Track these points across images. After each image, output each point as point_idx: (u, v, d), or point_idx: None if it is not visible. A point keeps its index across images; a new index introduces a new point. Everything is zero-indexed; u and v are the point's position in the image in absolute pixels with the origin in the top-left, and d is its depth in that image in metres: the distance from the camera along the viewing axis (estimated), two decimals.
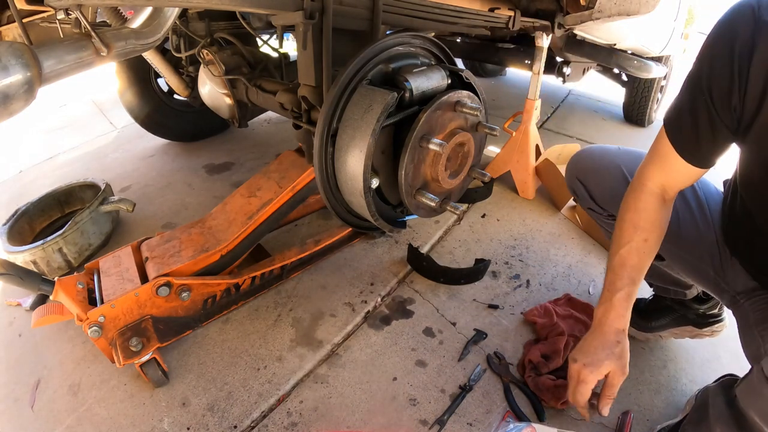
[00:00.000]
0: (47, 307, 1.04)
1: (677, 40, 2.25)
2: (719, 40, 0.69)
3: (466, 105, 0.95)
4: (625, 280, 0.83)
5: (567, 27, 1.53)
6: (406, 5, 1.08)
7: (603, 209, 1.10)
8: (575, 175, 1.14)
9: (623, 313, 0.83)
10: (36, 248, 1.33)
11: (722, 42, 0.68)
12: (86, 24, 0.72)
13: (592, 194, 1.10)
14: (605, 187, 1.07)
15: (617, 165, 1.05)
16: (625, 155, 1.09)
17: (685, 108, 0.77)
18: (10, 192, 2.00)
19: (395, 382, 1.07)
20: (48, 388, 1.07)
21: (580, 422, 0.99)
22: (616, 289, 0.84)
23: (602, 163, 1.09)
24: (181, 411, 1.00)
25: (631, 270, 0.83)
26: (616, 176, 1.04)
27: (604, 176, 1.07)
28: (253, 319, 1.24)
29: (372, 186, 0.93)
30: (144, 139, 2.36)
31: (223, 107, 1.63)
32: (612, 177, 1.05)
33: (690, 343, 1.21)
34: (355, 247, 1.53)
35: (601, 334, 0.84)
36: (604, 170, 1.07)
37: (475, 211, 1.78)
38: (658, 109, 2.89)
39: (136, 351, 0.99)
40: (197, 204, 1.80)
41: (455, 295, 1.34)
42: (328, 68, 0.97)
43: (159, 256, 1.15)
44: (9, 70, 0.62)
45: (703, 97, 0.71)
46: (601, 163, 1.09)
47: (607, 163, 1.08)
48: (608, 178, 1.06)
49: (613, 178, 1.05)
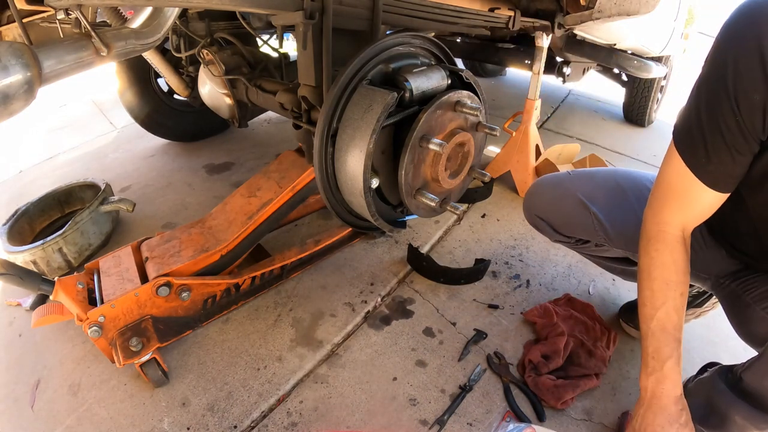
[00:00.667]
0: (47, 307, 1.04)
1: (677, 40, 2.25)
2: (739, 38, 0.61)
3: (466, 105, 0.95)
4: (672, 344, 0.77)
5: (567, 27, 1.52)
6: (406, 5, 1.08)
7: (569, 237, 1.11)
8: (533, 213, 1.14)
9: (677, 379, 0.78)
10: (36, 248, 1.33)
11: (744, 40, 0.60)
12: (86, 24, 0.72)
13: (555, 226, 1.11)
14: (565, 216, 1.07)
15: (571, 192, 1.05)
16: (577, 180, 1.08)
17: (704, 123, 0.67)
18: (10, 192, 2.00)
19: (395, 382, 1.07)
20: (48, 388, 1.07)
21: (581, 422, 0.99)
22: (664, 357, 0.77)
23: (556, 194, 1.09)
24: (181, 411, 1.00)
25: (675, 331, 0.78)
26: (573, 204, 1.04)
27: (562, 205, 1.07)
28: (253, 319, 1.24)
29: (372, 186, 0.93)
30: (144, 139, 2.36)
31: (223, 107, 1.62)
32: (569, 205, 1.05)
33: (690, 343, 1.21)
34: (355, 247, 1.53)
35: (663, 408, 0.77)
36: (560, 201, 1.08)
37: (475, 211, 1.78)
38: (658, 109, 2.89)
39: (136, 351, 0.99)
40: (197, 204, 1.80)
41: (455, 295, 1.34)
42: (328, 68, 0.97)
43: (159, 256, 1.15)
44: (9, 70, 0.62)
45: (729, 104, 0.62)
46: (555, 194, 1.09)
47: (561, 192, 1.08)
48: (565, 206, 1.06)
49: (570, 205, 1.04)
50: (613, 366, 1.12)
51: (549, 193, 1.11)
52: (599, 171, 1.11)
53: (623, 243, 1.00)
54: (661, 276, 0.78)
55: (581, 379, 1.05)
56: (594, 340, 1.16)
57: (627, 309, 1.25)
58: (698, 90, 0.68)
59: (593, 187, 1.03)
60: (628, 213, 0.96)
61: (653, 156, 2.42)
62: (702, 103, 0.67)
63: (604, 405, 1.04)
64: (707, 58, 0.66)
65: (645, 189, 0.96)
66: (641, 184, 0.99)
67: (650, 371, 0.79)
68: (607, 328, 1.20)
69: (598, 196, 1.01)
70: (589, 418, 1.00)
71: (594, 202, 1.01)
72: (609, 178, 1.05)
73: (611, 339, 1.17)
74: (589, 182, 1.05)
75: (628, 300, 1.30)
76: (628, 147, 2.53)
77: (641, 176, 1.02)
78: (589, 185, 1.04)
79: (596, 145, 2.52)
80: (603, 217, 0.99)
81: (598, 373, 1.08)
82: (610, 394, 1.06)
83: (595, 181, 1.05)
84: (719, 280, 0.92)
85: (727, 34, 0.63)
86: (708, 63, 0.66)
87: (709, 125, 0.66)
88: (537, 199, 1.13)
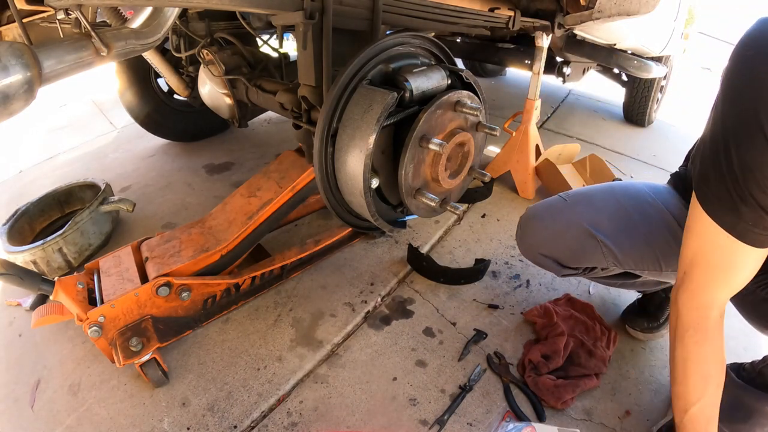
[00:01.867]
0: (47, 307, 1.04)
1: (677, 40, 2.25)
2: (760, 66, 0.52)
3: (466, 105, 0.95)
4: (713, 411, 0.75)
5: (567, 27, 1.53)
6: (406, 5, 1.08)
7: (577, 268, 1.04)
8: (535, 250, 1.05)
9: None
10: (36, 248, 1.33)
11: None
12: (86, 24, 0.72)
13: (560, 261, 1.02)
14: (571, 249, 0.99)
15: (574, 220, 0.97)
16: (575, 205, 1.00)
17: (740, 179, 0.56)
18: (10, 192, 2.00)
19: (395, 382, 1.07)
20: (48, 388, 1.07)
21: (581, 422, 0.99)
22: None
23: (557, 226, 1.00)
24: (181, 411, 1.00)
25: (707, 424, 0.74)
26: (577, 234, 0.96)
27: (566, 238, 0.98)
28: (253, 319, 1.24)
29: (372, 186, 0.93)
30: (144, 139, 2.36)
31: (223, 107, 1.62)
32: (574, 236, 0.97)
33: None
34: (355, 247, 1.53)
35: None
36: (563, 232, 0.99)
37: (475, 211, 1.78)
38: (658, 109, 2.89)
39: (136, 351, 0.99)
40: (197, 204, 1.80)
41: (455, 295, 1.34)
42: (328, 68, 0.97)
43: (159, 256, 1.14)
44: (9, 70, 0.62)
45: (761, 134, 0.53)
46: (555, 226, 1.01)
47: (563, 224, 0.99)
48: (570, 239, 0.97)
49: (575, 237, 0.96)
50: (613, 366, 1.13)
51: (549, 228, 1.02)
52: (596, 192, 1.02)
53: (633, 264, 0.96)
54: (699, 371, 0.72)
55: (581, 379, 1.05)
56: (594, 340, 1.16)
57: (630, 312, 1.24)
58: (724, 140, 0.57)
59: (595, 212, 0.96)
60: (635, 234, 0.93)
61: (653, 156, 2.42)
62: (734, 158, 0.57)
63: (604, 405, 1.04)
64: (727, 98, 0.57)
65: (647, 204, 0.94)
66: (642, 200, 0.96)
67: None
68: (607, 328, 1.20)
69: (602, 221, 0.95)
70: (589, 418, 1.01)
71: (599, 229, 0.94)
72: (609, 199, 0.98)
73: (611, 339, 1.17)
74: (590, 207, 0.98)
75: (629, 302, 1.30)
76: (628, 147, 2.53)
77: (640, 190, 0.98)
78: (590, 211, 0.97)
79: (596, 145, 2.52)
80: (611, 243, 0.93)
81: (598, 373, 1.08)
82: (610, 394, 1.06)
83: (596, 205, 0.98)
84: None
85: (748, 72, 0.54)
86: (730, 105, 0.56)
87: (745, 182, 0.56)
88: (537, 235, 1.04)
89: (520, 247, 1.11)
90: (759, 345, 1.23)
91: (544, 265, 1.07)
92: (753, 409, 0.79)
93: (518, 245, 1.12)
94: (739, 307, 0.91)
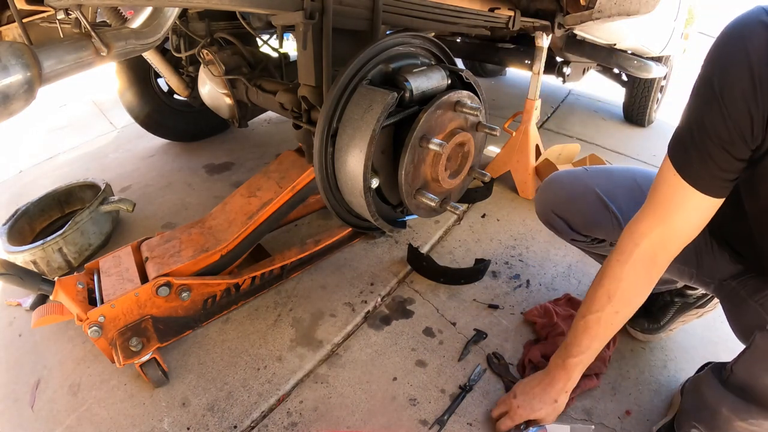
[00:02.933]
0: (47, 307, 1.04)
1: (677, 40, 2.25)
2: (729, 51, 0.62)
3: (466, 105, 0.95)
4: (583, 347, 0.86)
5: (567, 27, 1.53)
6: (406, 5, 1.08)
7: (585, 236, 1.07)
8: (549, 208, 1.08)
9: (573, 376, 0.90)
10: (36, 248, 1.33)
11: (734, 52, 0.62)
12: (86, 24, 0.72)
13: (572, 224, 1.06)
14: (584, 214, 1.02)
15: (591, 188, 1.01)
16: (595, 176, 1.04)
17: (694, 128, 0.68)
18: (10, 192, 2.00)
19: (395, 382, 1.07)
20: (48, 388, 1.07)
21: (581, 422, 0.99)
22: (571, 354, 0.88)
23: (575, 190, 1.03)
24: (181, 411, 1.00)
25: (592, 339, 0.85)
26: (592, 201, 1.00)
27: (581, 203, 1.02)
28: (253, 319, 1.24)
29: (372, 186, 0.93)
30: (144, 139, 2.36)
31: (223, 107, 1.62)
32: (589, 202, 1.00)
33: (690, 344, 1.21)
34: (355, 247, 1.53)
35: (546, 386, 0.92)
36: (579, 197, 1.02)
37: (475, 211, 1.78)
38: (658, 109, 2.89)
39: (136, 351, 0.99)
40: (197, 204, 1.80)
41: (455, 295, 1.34)
42: (328, 68, 0.97)
43: (159, 256, 1.15)
44: (9, 70, 0.62)
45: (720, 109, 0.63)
46: (573, 189, 1.04)
47: (580, 188, 1.02)
48: (585, 203, 1.01)
49: (590, 203, 1.00)
50: (613, 366, 1.12)
51: (567, 189, 1.05)
52: (617, 168, 1.07)
53: None
54: (606, 287, 0.81)
55: (581, 379, 1.05)
56: None
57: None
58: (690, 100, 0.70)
59: (612, 185, 1.00)
60: None
61: (653, 156, 2.42)
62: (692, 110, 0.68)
63: (604, 405, 1.04)
64: (699, 72, 0.68)
65: None
66: None
67: (558, 356, 0.92)
68: None
69: (617, 194, 0.98)
70: (589, 418, 1.00)
71: (613, 201, 0.97)
72: (628, 176, 1.02)
73: (611, 339, 1.17)
74: (608, 179, 1.02)
75: None
76: (628, 147, 2.53)
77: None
78: (608, 182, 1.01)
79: (596, 145, 2.52)
80: (622, 217, 0.96)
81: (598, 373, 1.08)
82: (610, 394, 1.06)
83: (614, 179, 1.02)
84: (722, 283, 0.92)
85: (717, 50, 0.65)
86: (700, 75, 0.68)
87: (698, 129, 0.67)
88: (553, 195, 1.08)
89: (536, 207, 1.14)
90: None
91: (555, 225, 1.09)
92: (715, 410, 0.79)
93: (535, 205, 1.15)
94: (726, 311, 0.91)
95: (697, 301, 1.18)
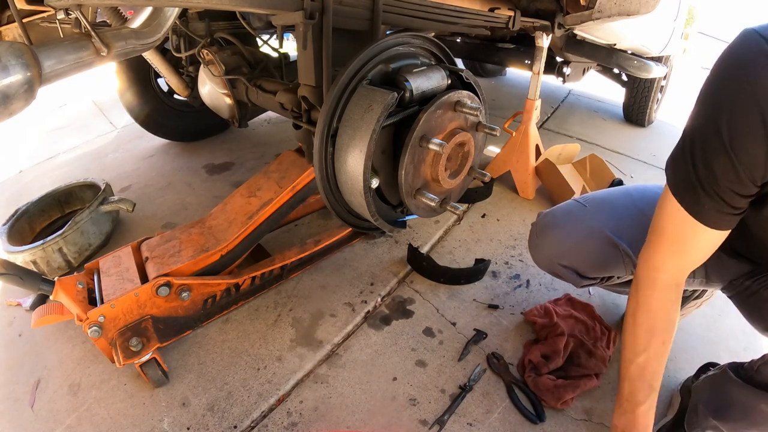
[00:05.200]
0: (47, 307, 1.04)
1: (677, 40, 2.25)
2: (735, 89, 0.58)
3: (466, 105, 0.95)
4: (646, 390, 0.80)
5: (567, 27, 1.53)
6: (406, 5, 1.08)
7: (598, 278, 1.03)
8: (555, 261, 1.01)
9: (648, 424, 0.81)
10: (36, 248, 1.33)
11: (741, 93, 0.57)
12: (86, 24, 0.72)
13: (581, 271, 1.00)
14: (593, 258, 0.96)
15: (596, 229, 0.94)
16: (597, 213, 0.97)
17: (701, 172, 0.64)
18: (10, 192, 2.00)
19: (395, 382, 1.07)
20: (48, 388, 1.07)
21: (581, 422, 0.99)
22: (637, 401, 0.80)
23: (580, 234, 0.97)
24: (181, 411, 1.00)
25: (651, 378, 0.80)
26: (600, 244, 0.94)
27: (589, 247, 0.95)
28: (253, 319, 1.24)
29: (372, 186, 0.93)
30: (144, 139, 2.36)
31: (223, 107, 1.62)
32: (597, 246, 0.94)
33: (689, 343, 1.21)
34: (355, 247, 1.53)
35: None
36: (585, 241, 0.96)
37: (475, 211, 1.78)
38: (658, 109, 2.89)
39: (136, 351, 0.99)
40: (197, 204, 1.80)
41: (455, 295, 1.34)
42: (328, 68, 0.97)
43: (159, 256, 1.14)
44: (9, 70, 0.62)
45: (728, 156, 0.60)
46: (577, 234, 0.97)
47: (585, 231, 0.96)
48: (593, 247, 0.94)
49: (598, 246, 0.94)
50: (614, 366, 1.12)
51: (571, 236, 0.98)
52: (615, 197, 1.00)
53: None
54: (645, 324, 0.78)
55: (581, 379, 1.05)
56: (594, 340, 1.16)
57: None
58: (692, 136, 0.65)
59: (617, 220, 0.94)
60: None
61: (653, 156, 2.42)
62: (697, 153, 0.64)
63: (604, 405, 1.04)
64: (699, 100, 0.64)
65: None
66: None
67: (622, 412, 0.82)
68: (607, 328, 1.20)
69: (624, 229, 0.93)
70: (589, 418, 1.01)
71: (622, 238, 0.92)
72: (629, 205, 0.96)
73: (611, 339, 1.17)
74: (611, 214, 0.96)
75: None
76: (628, 147, 2.53)
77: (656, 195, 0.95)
78: (611, 218, 0.95)
79: (596, 145, 2.52)
80: (633, 252, 0.91)
81: (598, 373, 1.08)
82: (610, 394, 1.06)
83: (617, 212, 0.96)
84: (732, 282, 0.92)
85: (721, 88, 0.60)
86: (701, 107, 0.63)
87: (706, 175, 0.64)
88: (557, 245, 1.00)
89: (534, 258, 1.08)
90: (759, 345, 1.23)
91: (562, 275, 1.03)
92: (749, 407, 0.80)
93: (533, 255, 1.08)
94: (743, 309, 0.91)
95: (693, 293, 1.18)
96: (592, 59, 1.97)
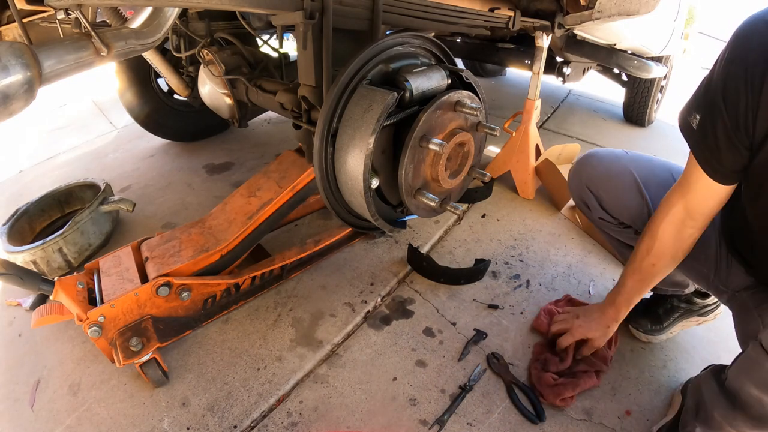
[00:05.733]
0: (47, 307, 1.04)
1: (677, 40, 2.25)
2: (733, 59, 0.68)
3: (466, 105, 0.95)
4: (628, 288, 1.00)
5: (567, 27, 1.53)
6: (406, 5, 1.08)
7: (614, 218, 1.08)
8: (584, 183, 1.09)
9: (622, 311, 1.04)
10: (36, 248, 1.33)
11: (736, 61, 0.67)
12: (86, 24, 0.72)
13: (603, 202, 1.07)
14: (618, 194, 1.04)
15: (629, 171, 1.02)
16: (635, 160, 1.05)
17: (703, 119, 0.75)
18: (10, 192, 2.00)
19: (395, 382, 1.07)
20: (48, 388, 1.07)
21: (581, 422, 0.99)
22: (619, 293, 1.03)
23: (613, 168, 1.05)
24: (181, 411, 1.00)
25: (635, 282, 0.99)
26: (628, 184, 1.02)
27: (617, 184, 1.03)
28: (253, 319, 1.24)
29: (372, 186, 0.93)
30: (144, 139, 2.36)
31: (223, 107, 1.62)
32: (624, 185, 1.02)
33: (690, 344, 1.21)
34: (355, 247, 1.53)
35: (602, 315, 1.06)
36: (616, 177, 1.04)
37: (475, 211, 1.78)
38: (657, 109, 2.89)
39: (136, 351, 0.99)
40: (197, 204, 1.80)
41: (455, 295, 1.34)
42: (328, 68, 0.97)
43: (159, 256, 1.15)
44: (9, 70, 0.62)
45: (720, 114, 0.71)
46: (611, 168, 1.05)
47: (618, 168, 1.04)
48: (620, 185, 1.03)
49: (626, 185, 1.02)
50: (614, 366, 1.12)
51: (605, 166, 1.06)
52: (656, 159, 1.08)
53: None
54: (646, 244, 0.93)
55: (581, 378, 1.05)
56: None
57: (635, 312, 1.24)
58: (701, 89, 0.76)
59: (650, 173, 1.01)
60: None
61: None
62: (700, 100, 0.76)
63: (604, 405, 1.04)
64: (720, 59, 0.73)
65: None
66: None
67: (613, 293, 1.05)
68: None
69: (652, 183, 1.00)
70: (589, 418, 1.00)
71: (648, 188, 0.99)
72: (665, 169, 1.03)
73: (612, 339, 1.17)
74: (647, 166, 1.03)
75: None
76: (628, 147, 2.50)
77: None
78: (646, 169, 1.02)
79: (596, 145, 2.52)
80: (652, 205, 0.97)
81: (599, 371, 1.08)
82: (610, 394, 1.06)
83: (653, 168, 1.03)
84: (735, 294, 0.93)
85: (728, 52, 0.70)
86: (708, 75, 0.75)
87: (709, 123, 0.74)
88: (591, 169, 1.08)
89: (570, 180, 1.17)
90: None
91: (586, 201, 1.11)
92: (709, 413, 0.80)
93: (569, 179, 1.18)
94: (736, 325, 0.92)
95: (701, 309, 1.19)
96: (592, 59, 1.97)
